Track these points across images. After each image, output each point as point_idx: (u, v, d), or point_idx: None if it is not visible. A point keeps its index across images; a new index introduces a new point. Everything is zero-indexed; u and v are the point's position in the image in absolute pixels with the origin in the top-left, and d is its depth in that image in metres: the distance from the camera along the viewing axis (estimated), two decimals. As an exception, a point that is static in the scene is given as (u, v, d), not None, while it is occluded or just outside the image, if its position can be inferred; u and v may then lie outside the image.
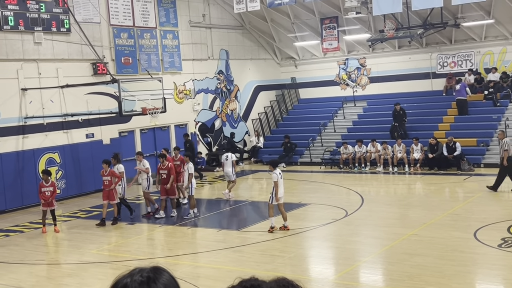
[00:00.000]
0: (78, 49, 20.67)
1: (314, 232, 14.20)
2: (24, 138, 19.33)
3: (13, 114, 19.01)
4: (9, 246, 14.46)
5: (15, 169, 18.84)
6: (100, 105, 21.30)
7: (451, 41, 25.74)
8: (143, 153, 18.22)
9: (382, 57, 27.70)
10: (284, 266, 11.30)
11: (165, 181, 16.50)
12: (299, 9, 26.57)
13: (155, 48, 23.87)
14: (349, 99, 28.16)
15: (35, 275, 11.81)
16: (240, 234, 14.35)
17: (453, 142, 21.53)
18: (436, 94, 26.03)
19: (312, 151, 25.62)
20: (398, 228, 13.77)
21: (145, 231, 15.23)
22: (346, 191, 19.25)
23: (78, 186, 20.74)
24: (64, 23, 20.28)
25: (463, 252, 11.66)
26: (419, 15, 23.89)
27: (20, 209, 18.79)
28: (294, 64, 30.28)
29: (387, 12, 22.54)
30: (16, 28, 18.93)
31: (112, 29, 22.20)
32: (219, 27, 27.32)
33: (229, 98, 28.01)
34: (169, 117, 23.32)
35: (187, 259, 12.44)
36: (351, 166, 23.45)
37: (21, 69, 19.22)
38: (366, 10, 24.13)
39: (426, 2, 21.18)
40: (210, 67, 26.88)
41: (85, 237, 14.92)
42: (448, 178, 20.32)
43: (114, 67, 21.99)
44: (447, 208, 15.57)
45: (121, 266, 11.70)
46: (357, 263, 11.56)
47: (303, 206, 16.98)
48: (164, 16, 24.45)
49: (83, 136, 21.15)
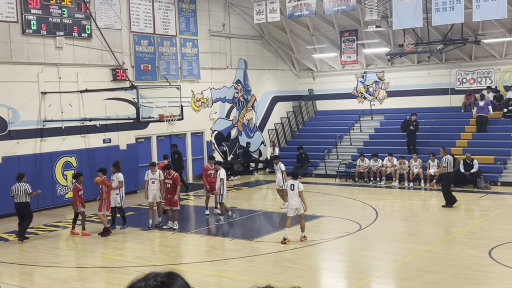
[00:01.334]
0: (99, 55, 20.88)
1: (327, 244, 14.13)
2: (42, 141, 19.53)
3: (32, 117, 19.23)
4: (23, 247, 14.57)
5: (32, 172, 19.01)
6: (118, 110, 21.46)
7: (471, 57, 25.60)
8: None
9: (400, 72, 27.61)
10: (296, 278, 11.25)
11: (169, 191, 15.96)
12: (319, 21, 26.62)
13: (174, 56, 24.04)
14: (366, 113, 28.08)
15: (47, 277, 11.88)
16: (252, 244, 14.32)
17: (470, 159, 21.35)
18: (455, 110, 25.87)
19: (328, 163, 25.56)
20: (412, 244, 13.66)
21: (158, 237, 15.27)
22: (361, 204, 19.15)
23: (93, 191, 20.83)
24: (85, 29, 20.51)
25: (477, 270, 11.53)
26: (439, 31, 23.81)
27: (35, 211, 18.87)
28: (312, 75, 30.29)
29: (407, 27, 22.49)
30: (38, 32, 19.18)
31: (133, 36, 22.40)
32: (238, 37, 27.45)
33: (246, 108, 28.08)
34: (185, 124, 23.43)
35: (198, 267, 12.43)
36: (366, 180, 23.35)
37: (42, 72, 19.45)
38: (386, 24, 24.11)
39: (446, 18, 21.10)
40: (228, 76, 26.99)
41: (99, 242, 14.99)
42: (464, 195, 20.12)
43: (133, 74, 22.18)
44: (462, 226, 15.42)
45: (133, 272, 11.73)
46: (369, 277, 11.48)
47: (316, 218, 16.91)
48: (185, 25, 24.63)
49: (100, 141, 21.31)
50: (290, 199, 13.91)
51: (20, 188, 15.28)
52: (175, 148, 22.66)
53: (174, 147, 22.77)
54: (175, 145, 22.93)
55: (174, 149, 22.53)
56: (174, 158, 21.88)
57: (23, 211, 15.34)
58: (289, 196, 13.94)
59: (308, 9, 23.68)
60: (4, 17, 18.34)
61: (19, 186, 15.33)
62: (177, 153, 22.38)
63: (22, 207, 15.32)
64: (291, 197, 13.86)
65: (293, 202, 13.83)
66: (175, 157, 21.99)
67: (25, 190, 15.24)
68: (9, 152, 18.55)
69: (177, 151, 22.50)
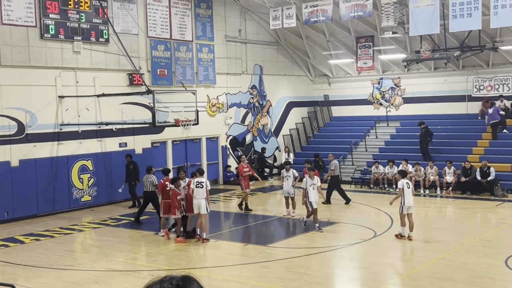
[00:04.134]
0: (116, 59, 21.04)
1: (342, 251, 14.08)
2: (59, 145, 19.70)
3: (49, 120, 19.41)
4: (39, 250, 14.69)
5: (48, 175, 19.18)
6: (134, 115, 21.59)
7: (488, 64, 25.41)
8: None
9: (417, 78, 27.48)
10: (310, 285, 11.22)
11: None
12: (335, 27, 26.60)
13: (190, 61, 24.15)
14: (382, 119, 27.97)
15: (62, 280, 11.96)
16: (266, 249, 14.31)
17: (487, 166, 21.17)
18: (471, 117, 25.68)
19: (343, 169, 25.42)
20: (427, 252, 13.56)
21: (173, 242, 15.31)
22: (376, 211, 19.06)
23: (109, 194, 21.01)
24: (103, 33, 20.69)
25: (493, 279, 11.41)
26: (457, 37, 23.68)
27: (51, 214, 19.10)
28: (327, 81, 30.25)
29: (424, 33, 22.38)
30: (56, 36, 19.38)
31: (150, 41, 22.55)
32: (254, 43, 27.51)
33: (261, 113, 28.10)
34: (201, 129, 23.51)
35: (212, 272, 12.44)
36: (381, 187, 23.23)
37: (59, 76, 19.64)
38: (403, 30, 24.01)
39: (464, 25, 20.97)
40: (243, 82, 27.04)
41: (114, 245, 15.07)
42: (481, 203, 19.95)
43: (149, 78, 22.31)
44: (478, 234, 15.27)
45: (147, 276, 11.77)
46: (384, 285, 11.41)
47: (331, 224, 16.86)
48: (201, 30, 24.74)
49: (116, 145, 21.45)
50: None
51: (148, 179, 17.37)
52: (130, 158, 20.54)
53: (129, 157, 20.59)
54: (129, 155, 20.67)
55: (129, 160, 20.50)
56: (129, 169, 20.30)
57: (150, 199, 17.47)
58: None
59: (324, 15, 23.68)
60: (23, 21, 18.56)
61: (147, 177, 17.43)
62: (132, 163, 20.46)
63: (148, 195, 17.47)
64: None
65: None
66: (130, 168, 20.31)
67: (152, 181, 17.24)
68: (26, 155, 18.74)
69: (132, 162, 20.50)
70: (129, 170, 20.36)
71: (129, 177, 20.33)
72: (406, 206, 14.48)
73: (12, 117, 18.41)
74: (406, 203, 14.46)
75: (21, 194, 18.44)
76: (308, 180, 16.05)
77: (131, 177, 20.29)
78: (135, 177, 20.30)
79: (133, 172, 20.32)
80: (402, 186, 14.55)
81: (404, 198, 14.47)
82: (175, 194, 15.11)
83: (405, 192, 14.48)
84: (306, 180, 16.11)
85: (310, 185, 15.96)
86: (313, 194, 15.93)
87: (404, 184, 14.56)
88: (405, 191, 14.48)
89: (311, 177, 16.07)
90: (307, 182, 16.03)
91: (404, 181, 14.65)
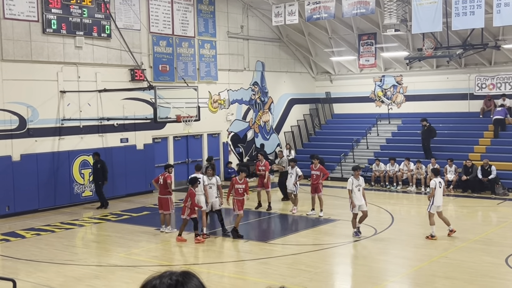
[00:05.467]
0: (117, 55, 21.02)
1: (342, 248, 14.08)
2: (60, 140, 19.71)
3: (51, 115, 19.41)
4: (39, 245, 14.71)
5: (50, 170, 19.19)
6: (136, 110, 21.59)
7: (490, 62, 25.36)
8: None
9: (419, 76, 27.44)
10: (310, 281, 11.22)
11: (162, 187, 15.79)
12: (337, 24, 26.55)
13: (192, 57, 24.13)
14: (384, 117, 27.95)
15: (63, 275, 11.97)
16: (267, 246, 14.31)
17: (488, 165, 21.15)
18: (473, 115, 25.64)
19: (344, 167, 25.45)
20: (427, 250, 13.55)
21: (173, 237, 15.31)
22: (376, 209, 19.04)
23: (110, 190, 21.00)
24: (105, 29, 20.67)
25: (493, 277, 11.41)
26: (459, 35, 23.62)
27: (52, 209, 19.11)
28: (329, 78, 30.21)
29: (427, 31, 22.33)
30: (59, 31, 19.37)
31: (152, 37, 22.53)
32: (256, 39, 27.48)
33: (262, 110, 28.08)
34: (202, 126, 23.49)
35: (213, 268, 12.45)
36: (382, 184, 23.23)
37: (61, 71, 19.63)
38: (405, 27, 23.98)
39: (466, 23, 20.92)
40: (245, 78, 27.02)
41: (114, 240, 15.08)
42: (482, 201, 19.94)
43: (151, 74, 22.29)
44: (479, 232, 15.26)
45: (147, 271, 11.78)
46: (384, 282, 11.41)
47: (332, 221, 16.86)
48: (203, 26, 24.71)
49: (117, 140, 21.45)
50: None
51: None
52: (97, 157, 19.57)
53: (96, 156, 19.61)
54: (97, 154, 19.69)
55: (96, 159, 19.54)
56: (97, 168, 19.39)
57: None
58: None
59: (326, 12, 23.63)
60: (25, 16, 18.54)
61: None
62: (99, 162, 19.51)
63: None
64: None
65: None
66: (98, 167, 19.39)
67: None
68: (28, 150, 18.75)
69: (100, 160, 19.55)
70: (96, 170, 19.39)
71: (96, 177, 19.38)
72: (435, 205, 14.38)
73: (13, 112, 18.41)
74: (435, 202, 14.37)
75: (22, 189, 18.46)
76: (354, 181, 14.61)
77: (98, 177, 19.32)
78: (102, 177, 19.35)
79: (100, 171, 19.34)
80: (435, 186, 14.40)
81: (435, 197, 14.37)
82: (192, 195, 14.53)
83: (437, 192, 14.37)
84: (351, 180, 14.63)
85: (356, 186, 14.56)
86: (358, 196, 14.54)
87: (436, 184, 14.44)
88: (436, 191, 14.37)
89: (356, 177, 14.70)
90: (352, 183, 14.58)
91: (437, 180, 14.52)
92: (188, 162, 24.24)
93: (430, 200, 14.51)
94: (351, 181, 14.60)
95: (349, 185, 14.56)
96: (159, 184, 15.82)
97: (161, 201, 15.73)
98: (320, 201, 17.58)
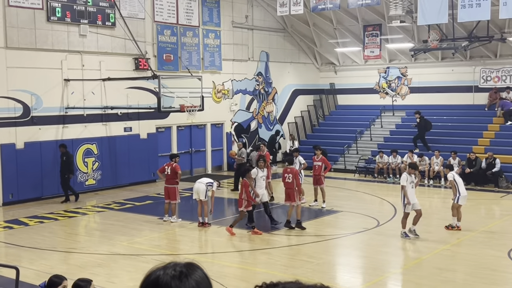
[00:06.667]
0: (122, 44, 20.99)
1: (344, 240, 14.09)
2: (64, 128, 19.72)
3: (55, 103, 19.42)
4: (43, 232, 14.76)
5: (53, 158, 19.21)
6: (140, 100, 21.57)
7: (496, 55, 25.24)
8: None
9: (424, 68, 27.34)
10: (312, 272, 11.24)
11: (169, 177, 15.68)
12: (343, 15, 26.44)
13: (196, 47, 24.07)
14: (388, 108, 27.88)
15: (66, 263, 12.03)
16: (269, 236, 14.33)
17: (492, 158, 21.10)
18: (478, 108, 25.56)
19: (347, 158, 25.44)
20: (430, 242, 13.55)
21: (176, 227, 15.35)
22: (379, 200, 19.06)
23: (113, 178, 21.06)
24: (109, 17, 20.62)
25: (495, 270, 11.42)
26: (465, 27, 23.49)
27: (55, 197, 19.15)
28: (334, 69, 30.13)
29: (432, 23, 22.21)
30: (63, 19, 19.33)
31: (156, 26, 22.47)
32: (261, 29, 27.39)
33: (266, 100, 28.04)
34: (206, 115, 23.47)
35: (215, 258, 12.48)
36: (385, 176, 23.21)
37: (65, 60, 19.61)
38: (411, 19, 23.86)
39: (472, 15, 20.80)
40: (249, 68, 26.96)
41: (117, 229, 15.13)
42: (485, 194, 19.91)
43: (155, 63, 22.26)
44: (482, 225, 15.26)
45: (150, 260, 11.82)
46: (386, 274, 11.43)
47: (334, 213, 16.87)
48: (208, 16, 24.63)
49: (121, 129, 21.46)
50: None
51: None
52: (64, 149, 18.67)
53: (63, 147, 18.72)
54: (63, 145, 18.79)
55: (63, 150, 18.63)
56: (63, 160, 18.52)
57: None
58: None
59: (332, 3, 23.51)
60: (29, 3, 18.50)
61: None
62: (66, 154, 18.64)
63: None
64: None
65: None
66: (64, 160, 18.53)
67: None
68: (32, 138, 18.77)
69: (66, 153, 18.67)
70: (62, 162, 18.52)
71: (62, 170, 18.47)
72: (462, 195, 14.31)
73: (17, 99, 18.42)
74: (461, 192, 14.34)
75: (25, 177, 18.50)
76: (408, 177, 13.61)
77: (64, 170, 18.44)
78: (67, 170, 18.46)
79: (66, 164, 18.46)
80: (453, 178, 14.38)
81: (459, 189, 14.31)
82: (246, 186, 14.30)
83: (459, 183, 14.39)
84: (406, 177, 13.63)
85: (410, 183, 13.63)
86: (412, 194, 13.56)
87: (454, 175, 14.50)
88: (457, 182, 14.37)
89: (410, 174, 13.73)
90: (407, 179, 13.58)
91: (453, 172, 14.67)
92: (191, 152, 24.26)
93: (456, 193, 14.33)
94: (405, 177, 13.62)
95: (403, 181, 13.58)
96: (166, 174, 15.75)
97: (169, 190, 15.63)
98: (323, 193, 17.57)
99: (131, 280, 10.59)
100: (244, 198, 14.26)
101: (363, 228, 14.89)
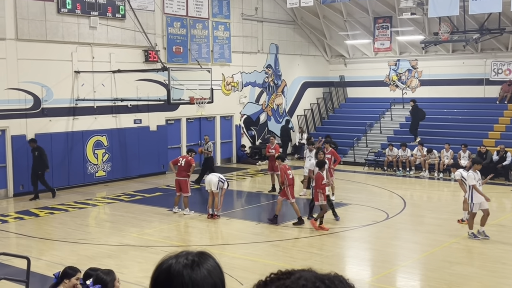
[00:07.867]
0: (132, 36, 21.01)
1: (354, 232, 14.09)
2: (74, 120, 19.81)
3: (65, 95, 19.50)
4: (53, 223, 14.87)
5: (64, 149, 19.32)
6: (149, 92, 21.62)
7: (507, 47, 25.05)
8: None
9: (434, 60, 27.18)
10: (321, 264, 11.25)
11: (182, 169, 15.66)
12: (353, 7, 26.31)
13: (206, 39, 24.06)
14: (398, 101, 27.76)
15: (76, 253, 12.11)
16: (278, 228, 14.36)
17: (504, 151, 20.98)
18: (489, 101, 25.40)
19: (356, 151, 25.39)
20: (439, 235, 13.53)
21: (186, 219, 15.41)
22: (389, 193, 19.02)
23: (123, 170, 21.15)
24: (119, 9, 20.64)
25: (506, 264, 11.38)
26: (476, 20, 23.32)
27: (66, 188, 19.28)
28: (343, 62, 30.02)
29: (443, 15, 22.06)
30: (73, 11, 19.37)
31: (166, 18, 22.47)
32: (270, 21, 27.32)
33: (276, 93, 28.01)
34: (215, 108, 23.51)
35: (224, 249, 12.53)
36: (395, 169, 23.14)
37: (76, 52, 19.67)
38: (422, 11, 23.70)
39: (484, 7, 20.64)
40: (259, 61, 26.92)
41: (127, 220, 15.21)
42: (495, 187, 19.80)
43: (165, 55, 22.27)
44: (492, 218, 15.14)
45: (160, 251, 11.89)
46: (395, 267, 11.43)
47: (343, 205, 16.86)
48: (217, 8, 24.60)
49: (131, 121, 21.52)
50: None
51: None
52: (34, 144, 17.75)
53: (32, 142, 17.79)
54: (33, 140, 17.90)
55: (33, 146, 17.72)
56: (35, 156, 17.59)
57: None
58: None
59: (342, -5, 23.39)
60: (40, -4, 18.54)
61: None
62: (37, 149, 17.67)
63: None
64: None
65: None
66: (36, 155, 17.58)
67: None
68: (42, 130, 18.87)
69: (38, 147, 17.72)
70: (34, 158, 17.65)
71: (34, 166, 17.65)
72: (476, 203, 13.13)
73: (28, 91, 18.51)
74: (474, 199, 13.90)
75: (36, 168, 18.57)
76: (474, 175, 12.78)
77: (36, 166, 17.62)
78: (41, 165, 17.60)
79: (38, 159, 17.59)
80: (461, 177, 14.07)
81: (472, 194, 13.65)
82: (320, 178, 14.02)
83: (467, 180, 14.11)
84: (473, 175, 12.79)
85: (477, 181, 12.78)
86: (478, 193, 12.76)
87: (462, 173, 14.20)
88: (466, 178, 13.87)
89: (475, 171, 12.92)
90: (475, 177, 12.73)
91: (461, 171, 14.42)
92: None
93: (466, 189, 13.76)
94: (472, 175, 12.76)
95: (471, 180, 12.72)
96: (179, 166, 15.77)
97: (181, 183, 15.64)
98: (332, 186, 17.54)
99: (141, 271, 10.66)
100: (319, 192, 13.98)
101: (372, 221, 14.88)
